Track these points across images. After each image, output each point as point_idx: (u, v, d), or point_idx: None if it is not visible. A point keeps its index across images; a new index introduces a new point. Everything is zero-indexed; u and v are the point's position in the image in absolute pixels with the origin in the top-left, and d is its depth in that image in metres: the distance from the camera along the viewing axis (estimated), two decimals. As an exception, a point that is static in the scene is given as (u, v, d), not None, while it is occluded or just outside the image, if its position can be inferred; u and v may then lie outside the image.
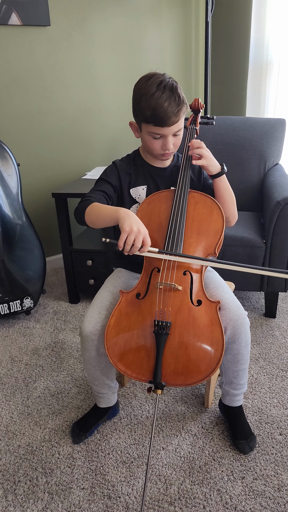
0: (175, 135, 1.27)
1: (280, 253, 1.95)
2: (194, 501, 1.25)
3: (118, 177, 1.38)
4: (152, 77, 1.22)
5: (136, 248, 1.12)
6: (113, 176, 1.37)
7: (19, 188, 2.08)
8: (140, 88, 1.23)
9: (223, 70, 3.03)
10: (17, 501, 1.27)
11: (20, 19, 2.25)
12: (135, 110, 1.27)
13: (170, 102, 1.19)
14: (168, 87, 1.20)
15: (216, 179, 1.33)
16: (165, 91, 1.19)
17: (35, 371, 1.84)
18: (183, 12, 2.90)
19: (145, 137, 1.29)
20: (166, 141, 1.26)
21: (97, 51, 2.60)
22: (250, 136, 2.35)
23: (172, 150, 1.29)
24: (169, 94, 1.19)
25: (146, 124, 1.24)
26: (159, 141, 1.27)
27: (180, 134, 1.29)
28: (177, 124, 1.24)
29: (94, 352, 1.32)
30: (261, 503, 1.23)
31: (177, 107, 1.20)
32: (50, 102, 2.51)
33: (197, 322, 1.19)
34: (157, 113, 1.19)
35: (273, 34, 2.58)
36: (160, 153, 1.30)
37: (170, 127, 1.22)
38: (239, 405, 1.47)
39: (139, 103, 1.23)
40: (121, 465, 1.37)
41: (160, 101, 1.18)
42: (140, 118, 1.25)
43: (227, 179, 1.34)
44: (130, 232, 1.10)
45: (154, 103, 1.18)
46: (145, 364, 1.19)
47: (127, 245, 1.11)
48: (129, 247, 1.11)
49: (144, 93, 1.20)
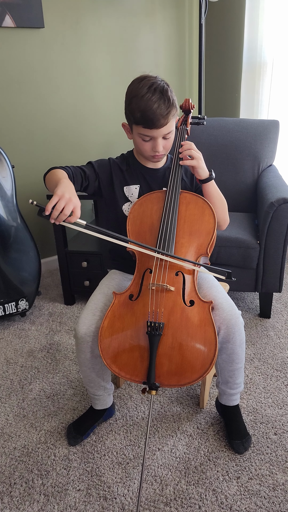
0: (165, 138, 1.28)
1: (274, 254, 1.96)
2: (190, 501, 1.25)
3: (109, 172, 1.39)
4: (144, 79, 1.24)
5: (64, 215, 1.07)
6: (102, 167, 1.39)
7: (13, 190, 2.08)
8: (132, 90, 1.25)
9: (217, 72, 3.05)
10: (13, 503, 1.27)
11: (14, 21, 2.25)
12: (126, 111, 1.29)
13: (159, 104, 1.20)
14: (159, 90, 1.21)
15: (204, 185, 1.35)
16: (155, 93, 1.20)
17: (30, 373, 1.84)
18: (176, 14, 2.91)
19: (136, 139, 1.31)
20: (156, 143, 1.27)
21: (91, 53, 2.61)
22: (244, 137, 2.36)
23: (162, 152, 1.30)
24: (159, 96, 1.20)
25: (136, 126, 1.26)
26: (149, 143, 1.29)
27: (170, 137, 1.30)
28: (167, 127, 1.25)
29: (89, 354, 1.32)
30: (256, 502, 1.24)
31: (167, 109, 1.21)
32: (44, 104, 2.52)
33: (190, 323, 1.19)
34: (146, 115, 1.21)
35: (266, 36, 2.59)
36: (150, 154, 1.32)
37: (159, 129, 1.24)
38: (236, 404, 1.47)
39: (130, 105, 1.24)
40: (117, 466, 1.38)
41: (150, 103, 1.20)
42: (131, 119, 1.27)
43: (220, 182, 1.36)
44: (61, 197, 1.07)
45: (144, 105, 1.20)
46: (139, 365, 1.20)
47: (56, 211, 1.06)
48: (57, 213, 1.06)
49: (135, 95, 1.22)
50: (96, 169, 1.38)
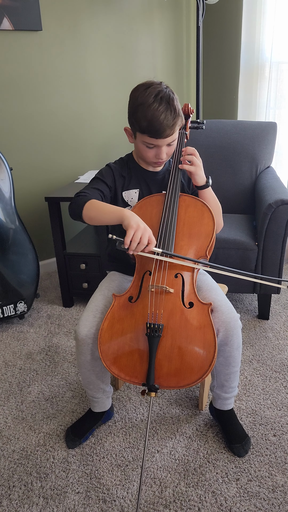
0: (169, 145, 1.29)
1: (272, 255, 1.96)
2: (189, 504, 1.25)
3: (113, 179, 1.39)
4: (150, 87, 1.23)
5: (142, 245, 1.12)
6: (108, 177, 1.39)
7: (12, 192, 2.08)
8: (138, 97, 1.23)
9: (215, 74, 3.06)
10: (12, 506, 1.27)
11: (12, 23, 2.25)
12: (131, 118, 1.28)
13: (166, 115, 1.20)
14: (165, 99, 1.21)
15: (201, 191, 1.36)
16: (162, 103, 1.20)
17: (29, 376, 1.84)
18: (174, 17, 2.92)
19: (139, 145, 1.31)
20: (160, 151, 1.28)
21: (89, 55, 2.61)
22: (242, 139, 2.37)
23: (165, 159, 1.32)
24: (166, 107, 1.20)
25: (141, 134, 1.26)
26: (153, 150, 1.29)
27: (174, 144, 1.31)
28: (172, 136, 1.26)
29: (89, 355, 1.32)
30: (256, 504, 1.24)
31: (173, 120, 1.22)
32: (42, 106, 2.52)
33: (189, 324, 1.20)
34: (153, 125, 1.21)
35: (264, 38, 2.60)
36: (153, 161, 1.33)
37: (164, 139, 1.25)
38: (231, 408, 1.47)
39: (136, 113, 1.24)
40: (116, 469, 1.37)
41: (157, 114, 1.19)
42: (136, 127, 1.27)
43: (218, 184, 1.37)
44: (138, 229, 1.11)
45: (151, 115, 1.20)
46: (139, 367, 1.20)
47: (134, 242, 1.11)
48: (135, 244, 1.11)
49: (141, 103, 1.21)
50: (107, 182, 1.38)
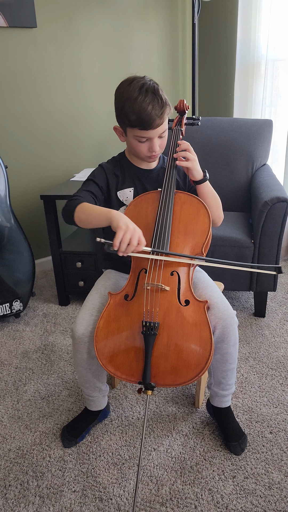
0: (160, 136, 1.29)
1: (268, 253, 1.96)
2: (186, 501, 1.25)
3: (106, 179, 1.39)
4: (133, 81, 1.23)
5: (132, 246, 1.10)
6: (100, 177, 1.38)
7: (7, 191, 2.07)
8: (123, 93, 1.24)
9: (210, 72, 3.05)
10: (8, 506, 1.27)
11: (6, 20, 2.24)
12: (119, 115, 1.28)
13: (153, 105, 1.20)
14: (150, 90, 1.21)
15: (198, 186, 1.35)
16: (147, 94, 1.20)
17: (25, 374, 1.83)
18: (169, 14, 2.91)
19: (131, 141, 1.30)
20: (152, 143, 1.28)
21: (84, 53, 2.60)
22: (238, 137, 2.36)
23: (158, 151, 1.31)
24: (152, 97, 1.21)
25: (132, 128, 1.26)
26: (145, 144, 1.29)
27: (165, 135, 1.31)
28: (162, 126, 1.26)
29: (85, 354, 1.31)
30: (252, 501, 1.24)
31: (161, 109, 1.22)
32: (38, 104, 2.50)
33: (185, 322, 1.19)
34: (142, 117, 1.21)
35: (259, 36, 2.60)
36: (147, 155, 1.32)
37: (155, 129, 1.24)
38: (228, 406, 1.47)
39: (123, 108, 1.24)
40: (113, 467, 1.37)
41: (144, 105, 1.20)
42: (125, 122, 1.26)
43: (214, 181, 1.36)
44: (127, 230, 1.10)
45: (138, 108, 1.20)
46: (135, 365, 1.19)
47: (123, 243, 1.09)
48: (125, 245, 1.09)
49: (127, 98, 1.22)
50: (98, 183, 1.37)
